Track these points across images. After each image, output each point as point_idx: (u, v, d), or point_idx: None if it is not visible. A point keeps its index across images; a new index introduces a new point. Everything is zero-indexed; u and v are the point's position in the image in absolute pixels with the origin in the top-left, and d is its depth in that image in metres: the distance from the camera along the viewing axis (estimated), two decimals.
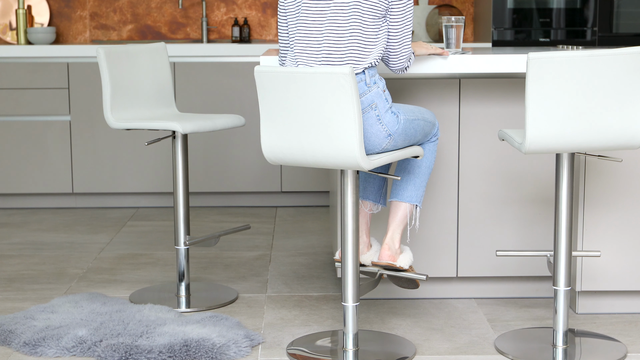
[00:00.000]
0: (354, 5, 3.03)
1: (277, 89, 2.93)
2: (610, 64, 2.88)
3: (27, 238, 4.94)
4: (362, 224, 3.34)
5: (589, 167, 3.49)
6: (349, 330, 3.14)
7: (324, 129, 2.90)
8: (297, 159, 2.98)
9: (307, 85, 2.88)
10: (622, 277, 3.55)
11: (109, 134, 5.59)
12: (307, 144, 2.93)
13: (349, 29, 3.04)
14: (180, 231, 3.78)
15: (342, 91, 2.84)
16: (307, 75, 2.87)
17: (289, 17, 3.15)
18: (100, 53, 3.67)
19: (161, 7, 6.18)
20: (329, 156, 2.92)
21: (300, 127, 2.92)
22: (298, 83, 2.89)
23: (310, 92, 2.88)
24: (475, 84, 3.63)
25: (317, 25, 3.07)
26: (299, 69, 2.87)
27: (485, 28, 5.89)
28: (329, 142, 2.90)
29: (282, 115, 2.95)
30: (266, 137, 3.02)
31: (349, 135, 2.87)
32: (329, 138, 2.90)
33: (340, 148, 2.89)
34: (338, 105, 2.86)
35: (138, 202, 5.74)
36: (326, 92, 2.86)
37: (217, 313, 3.55)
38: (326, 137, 2.90)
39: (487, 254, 3.72)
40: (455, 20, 3.51)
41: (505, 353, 3.17)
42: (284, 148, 2.99)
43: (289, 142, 2.97)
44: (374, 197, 3.36)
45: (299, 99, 2.90)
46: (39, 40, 5.81)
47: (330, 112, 2.87)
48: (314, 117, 2.90)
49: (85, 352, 3.17)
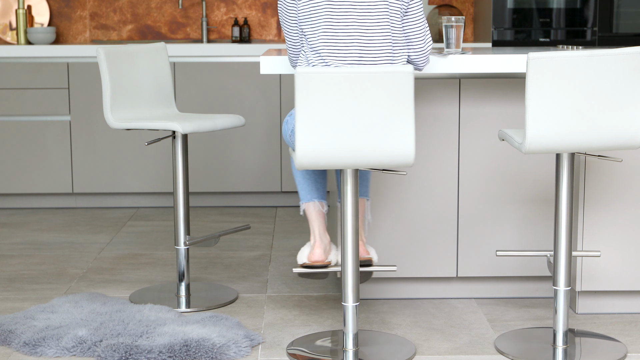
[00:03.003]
0: (383, 5, 3.07)
1: (326, 90, 2.85)
2: (610, 64, 2.88)
3: (27, 238, 4.94)
4: (322, 224, 3.37)
5: (589, 167, 3.49)
6: (349, 330, 3.14)
7: (379, 129, 2.88)
8: (344, 161, 2.91)
9: (364, 85, 2.85)
10: (622, 277, 3.55)
11: (109, 134, 5.59)
12: (359, 145, 2.89)
13: (380, 29, 3.07)
14: (180, 231, 3.78)
15: (402, 90, 2.85)
16: (364, 75, 2.84)
17: (301, 16, 3.13)
18: (100, 53, 3.66)
19: (161, 7, 6.18)
20: (382, 156, 2.91)
21: (353, 128, 2.88)
22: (353, 83, 2.84)
23: (367, 92, 2.85)
24: (475, 84, 3.63)
25: (344, 25, 3.07)
26: (354, 69, 2.84)
27: (485, 28, 5.89)
28: (383, 142, 2.90)
29: (330, 117, 2.88)
30: (306, 142, 2.89)
31: (404, 135, 2.89)
32: (383, 138, 2.89)
33: (393, 148, 2.90)
34: (397, 105, 2.86)
35: (138, 202, 5.74)
36: (384, 92, 2.85)
37: (217, 313, 3.55)
38: (381, 136, 2.89)
39: (487, 254, 3.72)
40: (455, 20, 3.51)
41: (505, 353, 3.17)
42: (329, 151, 2.89)
43: (336, 145, 2.89)
44: (324, 195, 3.43)
45: (354, 100, 2.86)
46: (39, 40, 5.82)
47: (388, 111, 2.87)
48: (367, 118, 2.87)
49: (85, 352, 3.17)
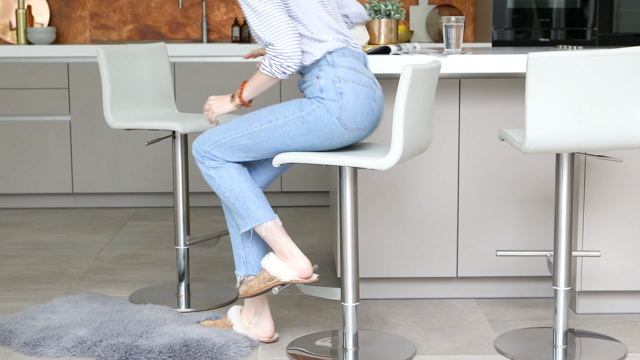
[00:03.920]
0: None
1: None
2: (610, 64, 2.88)
3: (27, 238, 4.94)
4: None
5: (589, 167, 3.49)
6: (349, 330, 3.14)
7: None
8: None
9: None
10: (622, 277, 3.55)
11: (109, 134, 5.59)
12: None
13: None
14: (180, 231, 3.78)
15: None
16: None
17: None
18: (100, 53, 3.66)
19: (161, 7, 6.18)
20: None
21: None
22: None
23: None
24: (475, 84, 3.63)
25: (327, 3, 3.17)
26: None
27: (485, 28, 5.89)
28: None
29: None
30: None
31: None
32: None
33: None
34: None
35: (138, 202, 5.74)
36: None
37: (217, 313, 3.55)
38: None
39: (487, 254, 3.72)
40: (455, 20, 3.51)
41: (505, 353, 3.17)
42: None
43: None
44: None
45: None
46: (39, 40, 5.81)
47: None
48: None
49: (85, 352, 3.17)
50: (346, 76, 3.00)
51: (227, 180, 3.11)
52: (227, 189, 3.11)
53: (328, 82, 2.99)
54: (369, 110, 3.03)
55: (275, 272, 3.10)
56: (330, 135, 3.02)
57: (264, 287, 3.12)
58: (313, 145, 3.05)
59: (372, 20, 3.78)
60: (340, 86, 2.99)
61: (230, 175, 3.11)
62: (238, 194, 3.11)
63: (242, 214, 3.12)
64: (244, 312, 3.30)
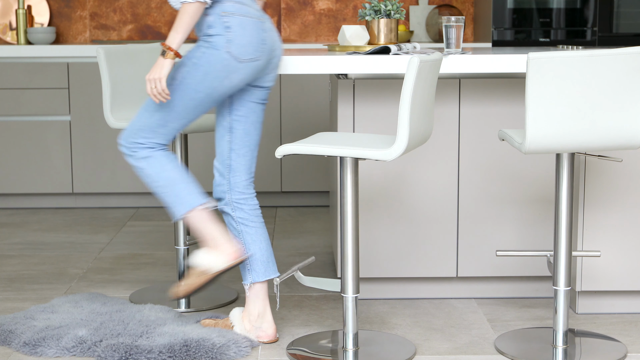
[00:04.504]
0: None
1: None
2: (610, 64, 2.88)
3: (27, 238, 4.94)
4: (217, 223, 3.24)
5: (589, 167, 3.49)
6: (349, 330, 3.14)
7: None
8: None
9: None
10: (622, 277, 3.55)
11: (109, 134, 5.59)
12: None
13: None
14: (180, 231, 3.78)
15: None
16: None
17: None
18: (100, 53, 3.67)
19: (161, 7, 6.18)
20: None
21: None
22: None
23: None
24: (475, 84, 3.63)
25: None
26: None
27: (485, 28, 5.89)
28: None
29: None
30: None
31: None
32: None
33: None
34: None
35: (138, 202, 5.74)
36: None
37: (217, 313, 3.55)
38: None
39: (487, 254, 3.72)
40: (455, 20, 3.51)
41: (505, 353, 3.17)
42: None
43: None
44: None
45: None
46: (39, 40, 5.82)
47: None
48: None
49: (85, 352, 3.17)
50: (233, 9, 3.05)
51: (158, 169, 3.17)
52: (158, 176, 3.17)
53: (215, 17, 3.04)
54: (258, 41, 3.07)
55: (207, 266, 3.20)
56: (227, 71, 3.06)
57: (199, 281, 3.21)
58: (216, 88, 3.08)
59: (372, 20, 3.78)
60: (227, 20, 3.03)
61: (160, 163, 3.17)
62: (169, 181, 3.17)
63: (174, 201, 3.18)
64: (245, 315, 3.30)
